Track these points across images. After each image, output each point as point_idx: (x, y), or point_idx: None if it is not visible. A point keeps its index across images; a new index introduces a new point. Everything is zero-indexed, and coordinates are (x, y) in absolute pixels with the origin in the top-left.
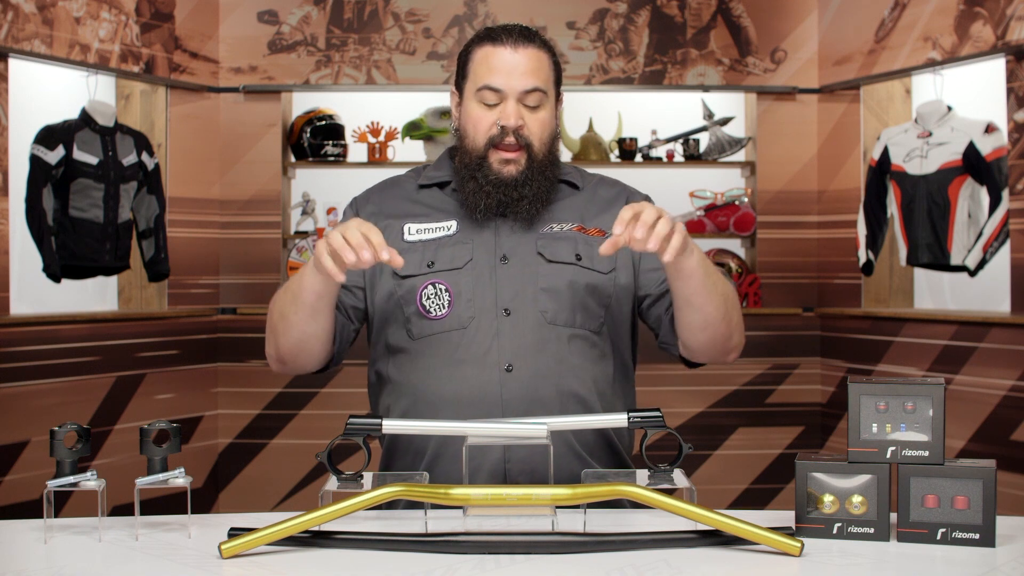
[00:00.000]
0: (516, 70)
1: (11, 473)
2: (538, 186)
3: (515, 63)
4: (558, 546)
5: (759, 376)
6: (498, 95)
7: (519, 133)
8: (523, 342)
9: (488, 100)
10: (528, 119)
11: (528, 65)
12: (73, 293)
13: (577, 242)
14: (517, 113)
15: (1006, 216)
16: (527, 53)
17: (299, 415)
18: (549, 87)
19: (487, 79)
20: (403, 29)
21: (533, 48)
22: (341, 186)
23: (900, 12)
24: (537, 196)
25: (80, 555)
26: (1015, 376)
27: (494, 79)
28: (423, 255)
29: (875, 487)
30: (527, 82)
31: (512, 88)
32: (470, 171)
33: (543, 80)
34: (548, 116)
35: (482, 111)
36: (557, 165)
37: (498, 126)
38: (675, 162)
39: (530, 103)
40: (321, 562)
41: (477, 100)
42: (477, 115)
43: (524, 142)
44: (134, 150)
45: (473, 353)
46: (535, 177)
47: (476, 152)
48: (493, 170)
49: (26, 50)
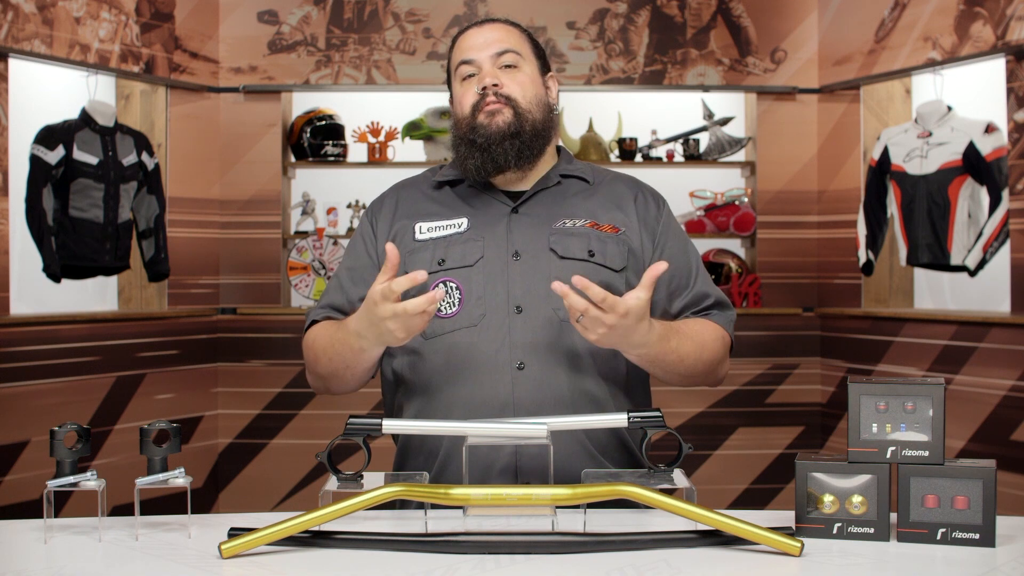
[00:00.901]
0: (484, 39)
1: (11, 473)
2: (529, 140)
3: (483, 34)
4: (558, 546)
5: (759, 376)
6: (473, 65)
7: (498, 91)
8: (535, 340)
9: (466, 73)
10: (504, 78)
11: (497, 34)
12: (73, 293)
13: (590, 238)
14: (492, 73)
15: (1006, 216)
16: (493, 26)
17: (299, 415)
18: (523, 50)
19: (462, 54)
20: (403, 29)
21: (499, 23)
22: (341, 186)
23: (900, 12)
24: (527, 150)
25: (80, 555)
26: (1015, 376)
27: (467, 52)
28: (434, 253)
29: (875, 487)
30: (496, 47)
31: (482, 56)
32: (463, 137)
33: (513, 43)
34: (527, 77)
35: (464, 86)
36: (551, 130)
37: (478, 91)
38: (675, 162)
39: (505, 62)
40: (321, 562)
41: (459, 79)
42: (461, 91)
43: (506, 97)
44: (134, 150)
45: (484, 351)
46: (525, 131)
47: (465, 120)
48: (482, 125)
49: (26, 50)
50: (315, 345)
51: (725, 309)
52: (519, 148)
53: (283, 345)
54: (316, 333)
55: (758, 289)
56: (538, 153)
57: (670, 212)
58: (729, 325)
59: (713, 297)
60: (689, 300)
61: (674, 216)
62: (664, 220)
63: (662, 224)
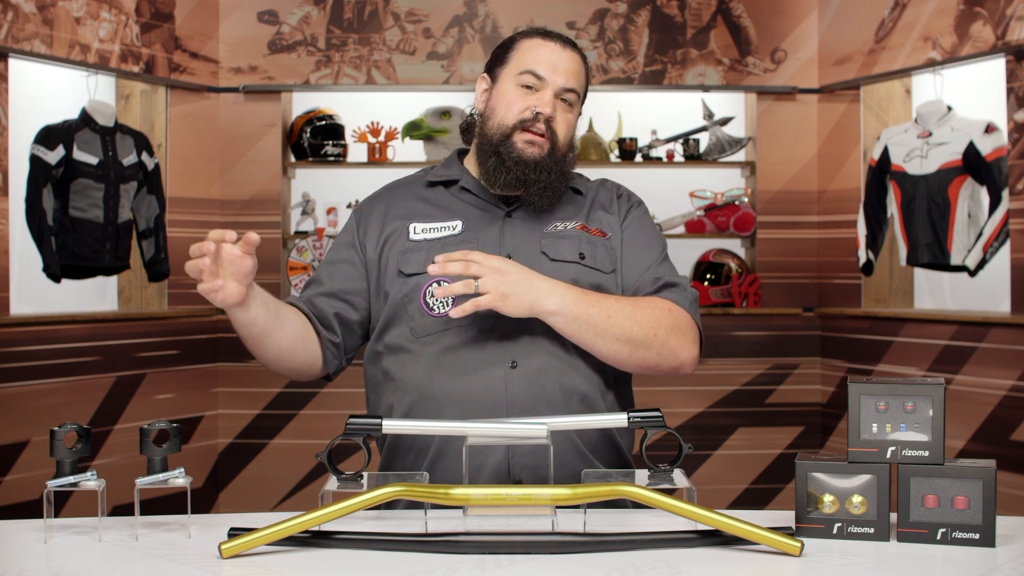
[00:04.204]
0: (562, 66)
1: (11, 473)
2: (554, 177)
3: (562, 59)
4: (558, 546)
5: (759, 376)
6: (540, 82)
7: (549, 123)
8: (527, 339)
9: (528, 83)
10: (559, 114)
11: (572, 66)
12: (73, 293)
13: (580, 241)
14: (552, 104)
15: (1006, 216)
16: (573, 55)
17: (299, 415)
18: (581, 91)
19: (533, 65)
20: (403, 29)
21: (578, 54)
22: (341, 186)
23: (900, 12)
24: (550, 186)
25: (80, 555)
26: (1015, 376)
27: (540, 67)
28: (428, 253)
29: (875, 487)
30: (569, 81)
31: (555, 80)
32: (493, 146)
33: (580, 85)
34: (574, 120)
35: (519, 93)
36: (571, 168)
37: (532, 110)
38: (675, 162)
39: (565, 99)
40: (321, 562)
41: (516, 83)
42: (513, 96)
43: (551, 132)
44: (134, 150)
45: (477, 350)
46: (553, 167)
47: (503, 130)
48: (516, 148)
49: (26, 50)
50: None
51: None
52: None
53: None
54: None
55: (758, 289)
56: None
57: (644, 212)
58: (681, 301)
59: (663, 280)
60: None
61: (648, 215)
62: (632, 217)
63: (629, 220)
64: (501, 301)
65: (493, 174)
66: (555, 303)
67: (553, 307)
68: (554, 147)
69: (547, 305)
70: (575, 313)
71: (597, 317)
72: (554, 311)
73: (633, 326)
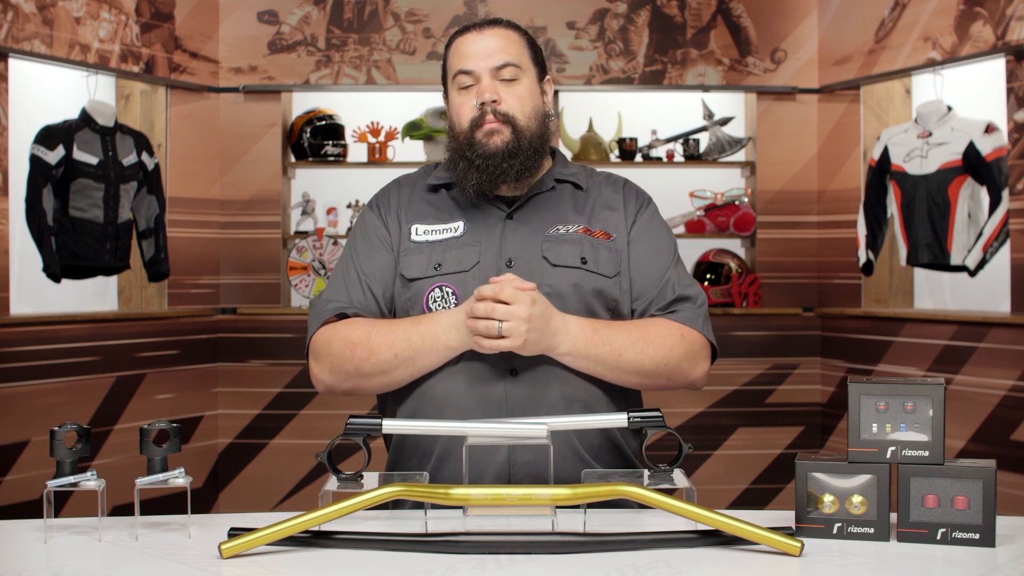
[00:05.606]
0: (483, 48)
1: (11, 473)
2: (526, 158)
3: (482, 43)
4: (558, 546)
5: (759, 376)
6: (471, 76)
7: (497, 109)
8: None
9: (464, 83)
10: (504, 93)
11: (495, 43)
12: (73, 293)
13: (583, 245)
14: (492, 88)
15: (1006, 216)
16: (493, 32)
17: (299, 415)
18: (523, 61)
19: (460, 63)
20: (403, 29)
21: (500, 28)
22: (341, 186)
23: (900, 12)
24: (525, 167)
25: (80, 555)
26: (1015, 376)
27: (465, 62)
28: (430, 256)
29: (875, 487)
30: (496, 59)
31: (482, 66)
32: (460, 152)
33: (513, 55)
34: (526, 90)
35: (462, 97)
36: (547, 140)
37: (477, 106)
38: (675, 162)
39: (505, 77)
40: (321, 562)
41: (456, 88)
42: (458, 101)
43: (504, 115)
44: (134, 150)
45: (478, 356)
46: (523, 149)
47: (463, 136)
48: (480, 143)
49: (26, 50)
50: (370, 340)
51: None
52: (518, 168)
53: (283, 345)
54: (359, 327)
55: (758, 289)
56: (536, 166)
57: (655, 212)
58: (694, 321)
59: (676, 293)
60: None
61: (659, 216)
62: (643, 220)
63: (639, 223)
64: (521, 347)
65: (464, 176)
66: (567, 346)
67: (565, 349)
68: (515, 127)
69: (559, 348)
70: (585, 354)
71: (607, 356)
72: (566, 352)
73: (644, 360)
